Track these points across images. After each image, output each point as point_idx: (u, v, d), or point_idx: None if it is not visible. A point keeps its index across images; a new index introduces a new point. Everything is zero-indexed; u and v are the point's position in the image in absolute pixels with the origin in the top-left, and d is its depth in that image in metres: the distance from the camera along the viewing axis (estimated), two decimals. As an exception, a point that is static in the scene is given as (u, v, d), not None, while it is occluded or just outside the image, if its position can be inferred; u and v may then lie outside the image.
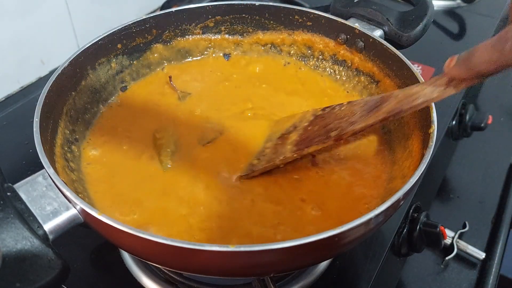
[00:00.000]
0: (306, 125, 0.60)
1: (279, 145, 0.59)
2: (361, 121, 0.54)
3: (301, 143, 0.57)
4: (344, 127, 0.55)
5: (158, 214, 0.52)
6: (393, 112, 0.52)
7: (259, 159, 0.58)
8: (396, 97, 0.53)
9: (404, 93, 0.52)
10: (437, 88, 0.49)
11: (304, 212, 0.53)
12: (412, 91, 0.52)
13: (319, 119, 0.59)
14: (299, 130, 0.59)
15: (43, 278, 0.40)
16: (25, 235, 0.40)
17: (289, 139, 0.59)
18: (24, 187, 0.44)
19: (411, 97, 0.51)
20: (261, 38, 0.75)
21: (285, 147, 0.58)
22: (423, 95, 0.50)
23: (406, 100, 0.51)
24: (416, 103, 0.50)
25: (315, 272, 0.59)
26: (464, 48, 0.44)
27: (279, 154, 0.57)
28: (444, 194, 0.86)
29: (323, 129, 0.57)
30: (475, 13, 1.18)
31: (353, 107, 0.57)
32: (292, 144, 0.58)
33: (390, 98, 0.53)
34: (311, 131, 0.58)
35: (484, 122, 0.89)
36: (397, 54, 0.62)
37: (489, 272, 0.72)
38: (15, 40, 0.89)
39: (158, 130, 0.62)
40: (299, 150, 0.56)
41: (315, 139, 0.56)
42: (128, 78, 0.70)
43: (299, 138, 0.58)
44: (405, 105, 0.51)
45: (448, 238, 0.74)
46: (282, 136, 0.60)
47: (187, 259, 0.41)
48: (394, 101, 0.52)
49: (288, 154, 0.56)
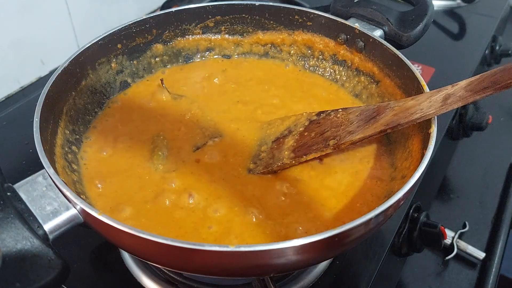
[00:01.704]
0: (302, 130, 0.60)
1: (275, 149, 0.59)
2: (359, 131, 0.54)
3: (298, 149, 0.57)
4: (342, 137, 0.55)
5: (154, 214, 0.52)
6: (391, 125, 0.52)
7: (255, 163, 0.58)
8: (392, 109, 0.53)
9: (400, 106, 0.53)
10: (434, 103, 0.50)
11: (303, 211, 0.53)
12: (408, 104, 0.52)
13: (315, 125, 0.59)
14: (295, 136, 0.59)
15: (43, 278, 0.40)
16: (25, 235, 0.40)
17: (285, 144, 0.59)
18: (24, 187, 0.44)
19: (408, 111, 0.52)
20: (261, 38, 0.75)
21: (282, 153, 0.58)
22: (420, 110, 0.51)
23: (403, 113, 0.52)
24: (414, 118, 0.51)
25: (315, 272, 0.59)
26: (464, 48, 0.44)
27: (276, 159, 0.57)
28: (444, 194, 0.86)
29: (320, 136, 0.57)
30: (475, 13, 1.18)
31: (349, 115, 0.57)
32: (290, 150, 0.58)
33: (386, 110, 0.54)
34: (308, 137, 0.58)
35: (484, 122, 0.89)
36: (397, 54, 0.62)
37: (489, 272, 0.72)
38: (15, 40, 0.89)
39: (156, 132, 0.62)
40: (297, 157, 0.56)
41: (313, 146, 0.56)
42: (128, 79, 0.70)
43: (296, 144, 0.58)
44: (403, 119, 0.52)
45: (448, 238, 0.74)
46: (278, 140, 0.60)
47: (187, 259, 0.41)
48: (390, 113, 0.53)
49: (286, 161, 0.57)
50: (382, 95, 0.66)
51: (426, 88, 0.55)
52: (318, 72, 0.74)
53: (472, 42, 1.09)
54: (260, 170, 0.57)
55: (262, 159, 0.58)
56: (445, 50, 1.05)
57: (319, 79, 0.73)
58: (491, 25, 1.13)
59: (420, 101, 0.52)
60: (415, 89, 0.58)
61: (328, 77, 0.73)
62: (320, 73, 0.74)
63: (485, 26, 1.13)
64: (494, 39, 1.11)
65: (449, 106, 0.49)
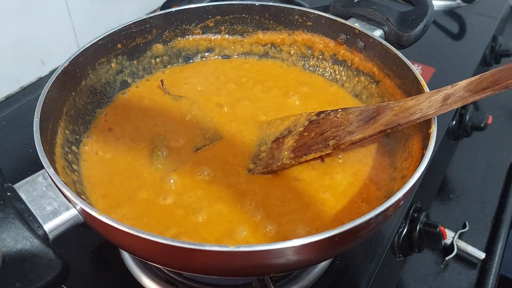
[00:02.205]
0: (302, 130, 0.60)
1: (275, 149, 0.59)
2: (358, 131, 0.54)
3: (298, 149, 0.57)
4: (342, 137, 0.55)
5: (154, 214, 0.52)
6: (390, 125, 0.52)
7: (255, 163, 0.58)
8: (392, 109, 0.53)
9: (400, 106, 0.53)
10: (433, 104, 0.50)
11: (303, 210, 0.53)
12: (408, 104, 0.52)
13: (315, 125, 0.59)
14: (295, 136, 0.59)
15: (43, 278, 0.40)
16: (25, 235, 0.40)
17: (285, 144, 0.59)
18: (24, 187, 0.44)
19: (407, 111, 0.52)
20: (261, 38, 0.75)
21: (282, 153, 0.58)
22: (419, 110, 0.51)
23: (403, 113, 0.52)
24: (413, 118, 0.51)
25: (315, 272, 0.59)
26: (464, 48, 0.44)
27: (276, 159, 0.57)
28: (444, 194, 0.86)
29: (320, 136, 0.57)
30: (475, 13, 1.18)
31: (349, 115, 0.57)
32: (289, 150, 0.58)
33: (386, 110, 0.54)
34: (307, 137, 0.58)
35: (484, 122, 0.89)
36: (397, 54, 0.62)
37: (489, 272, 0.72)
38: (15, 40, 0.89)
39: (157, 132, 0.62)
40: (297, 157, 0.56)
41: (312, 146, 0.56)
42: (128, 79, 0.70)
43: (296, 144, 0.58)
44: (402, 119, 0.52)
45: (448, 238, 0.74)
46: (277, 140, 0.60)
47: (187, 259, 0.41)
48: (390, 113, 0.53)
49: (286, 161, 0.57)
50: (382, 95, 0.66)
51: (426, 88, 0.55)
52: (318, 72, 0.74)
53: (472, 42, 1.09)
54: (260, 170, 0.57)
55: (262, 159, 0.58)
56: (445, 50, 1.05)
57: (319, 79, 0.73)
58: (491, 25, 1.13)
59: (420, 101, 0.52)
60: (415, 89, 0.58)
61: (328, 77, 0.73)
62: (320, 73, 0.74)
63: (485, 26, 1.13)
64: (494, 39, 1.11)
65: (448, 107, 0.49)
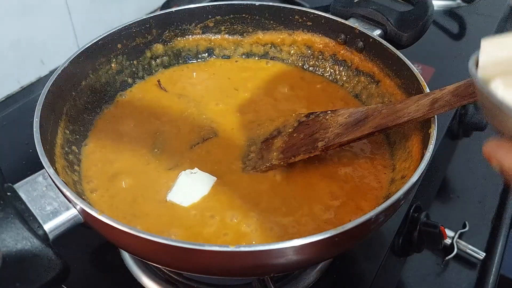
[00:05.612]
0: (291, 131, 0.60)
1: (264, 150, 0.59)
2: (347, 133, 0.54)
3: (287, 150, 0.57)
4: (331, 139, 0.55)
5: (154, 213, 0.52)
6: (379, 128, 0.52)
7: (245, 163, 0.58)
8: (381, 112, 0.53)
9: (388, 109, 0.53)
10: (421, 108, 0.50)
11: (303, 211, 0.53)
12: (396, 107, 0.53)
13: (304, 126, 0.59)
14: (284, 137, 0.59)
15: (43, 278, 0.40)
16: (25, 235, 0.40)
17: (274, 145, 0.59)
18: (24, 187, 0.44)
19: (395, 114, 0.52)
20: (261, 38, 0.75)
21: (271, 154, 0.58)
22: (407, 113, 0.51)
23: (391, 117, 0.52)
24: (401, 121, 0.51)
25: (315, 272, 0.59)
26: (464, 48, 0.44)
27: (265, 160, 0.57)
28: (444, 194, 0.86)
29: (309, 138, 0.57)
30: (475, 13, 1.18)
31: (338, 117, 0.57)
32: (278, 151, 0.58)
33: (374, 113, 0.54)
34: (296, 138, 0.58)
35: (484, 122, 0.89)
36: (397, 54, 0.62)
37: (489, 272, 0.72)
38: (15, 40, 0.89)
39: (155, 131, 0.62)
40: (286, 158, 0.56)
41: (301, 148, 0.56)
42: (128, 79, 0.70)
43: (285, 145, 0.58)
44: (390, 122, 0.52)
45: (448, 238, 0.74)
46: (267, 140, 0.60)
47: (187, 259, 0.41)
48: (379, 116, 0.53)
49: (275, 161, 0.57)
50: (382, 95, 0.66)
51: (426, 88, 0.55)
52: (318, 72, 0.74)
53: (472, 42, 1.08)
54: (249, 170, 0.57)
55: (251, 159, 0.58)
56: (445, 50, 1.04)
57: (319, 79, 0.73)
58: (491, 25, 1.12)
59: (408, 105, 0.52)
60: (415, 89, 0.58)
61: (328, 77, 0.73)
62: (320, 73, 0.74)
63: (485, 26, 1.12)
64: (494, 39, 1.11)
65: (436, 111, 0.49)
